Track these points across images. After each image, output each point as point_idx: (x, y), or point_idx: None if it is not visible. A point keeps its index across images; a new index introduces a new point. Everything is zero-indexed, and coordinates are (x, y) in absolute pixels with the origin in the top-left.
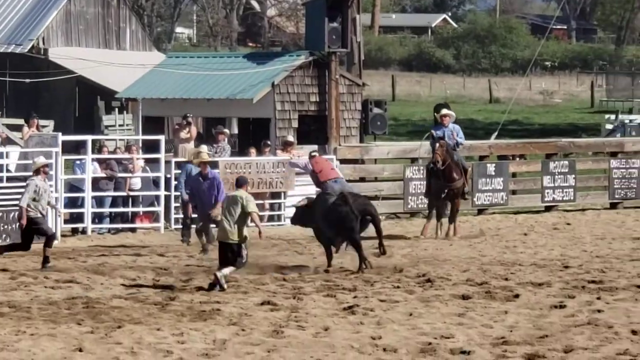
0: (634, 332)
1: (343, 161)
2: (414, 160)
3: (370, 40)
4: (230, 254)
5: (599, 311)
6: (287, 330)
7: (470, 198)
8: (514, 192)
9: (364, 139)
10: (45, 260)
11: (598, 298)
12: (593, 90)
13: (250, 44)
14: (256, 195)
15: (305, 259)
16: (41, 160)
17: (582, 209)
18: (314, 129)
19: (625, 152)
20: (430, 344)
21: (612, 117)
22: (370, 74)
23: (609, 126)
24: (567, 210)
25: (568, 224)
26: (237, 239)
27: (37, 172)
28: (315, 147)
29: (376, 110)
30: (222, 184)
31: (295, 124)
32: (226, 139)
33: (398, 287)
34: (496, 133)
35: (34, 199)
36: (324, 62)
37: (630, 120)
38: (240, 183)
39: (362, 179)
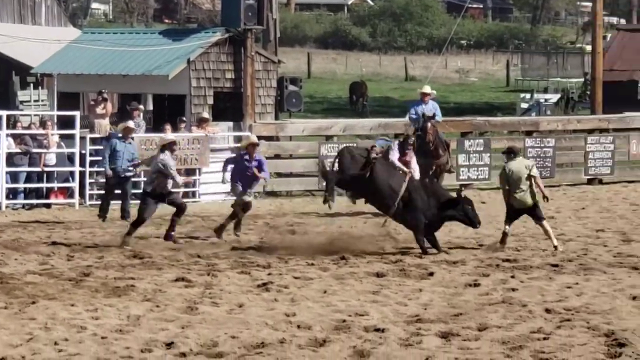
0: (547, 311)
1: (258, 138)
2: (329, 138)
3: (286, 18)
4: None
5: (513, 290)
6: (202, 306)
7: (454, 171)
8: None
9: (279, 116)
10: None
11: (512, 276)
12: (508, 70)
13: (167, 21)
14: None
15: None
16: (170, 137)
17: (496, 188)
18: (230, 105)
19: (540, 131)
20: (344, 321)
21: (528, 96)
22: (286, 51)
23: (524, 105)
24: (482, 189)
25: (483, 202)
26: None
27: (165, 147)
28: None
29: (291, 87)
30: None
31: (210, 101)
32: (141, 115)
33: (312, 264)
34: None
35: None
36: (240, 39)
37: (545, 100)
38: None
39: (277, 156)
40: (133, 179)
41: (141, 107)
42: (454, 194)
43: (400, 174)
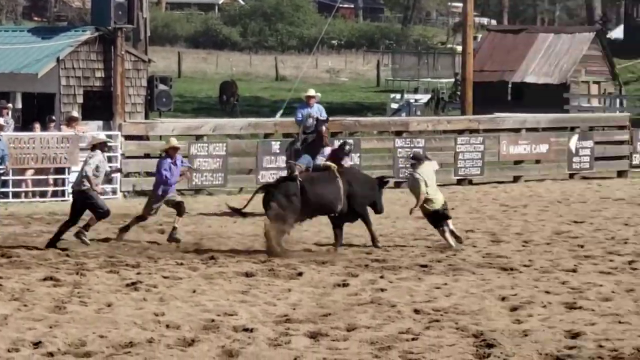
0: (416, 311)
1: (128, 137)
2: (199, 137)
3: (156, 17)
4: None
5: (382, 290)
6: (70, 305)
7: None
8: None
9: (149, 116)
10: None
11: (381, 277)
12: (379, 70)
13: (36, 18)
14: (40, 171)
15: (89, 234)
16: (102, 136)
17: None
18: (99, 104)
19: (410, 132)
20: (213, 321)
21: (398, 96)
22: (157, 51)
23: (395, 105)
24: None
25: None
26: None
27: (96, 147)
28: None
29: (162, 86)
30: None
31: (80, 100)
32: (10, 114)
33: (182, 264)
34: (282, 111)
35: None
36: (110, 37)
37: (416, 100)
38: None
39: (147, 155)
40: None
41: (10, 105)
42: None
43: (331, 175)
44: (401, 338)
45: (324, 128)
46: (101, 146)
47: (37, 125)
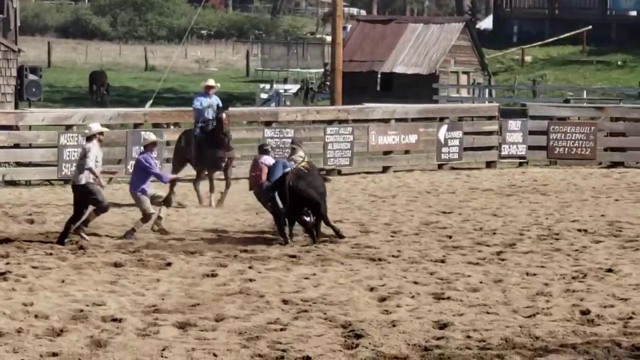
0: (284, 302)
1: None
2: (68, 127)
3: (26, 7)
4: None
5: (250, 280)
6: None
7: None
8: (167, 160)
9: (19, 105)
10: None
11: (250, 267)
12: (248, 60)
13: None
14: None
15: None
16: (97, 126)
17: (235, 178)
18: None
19: (279, 122)
20: (82, 310)
21: (267, 86)
22: (27, 40)
23: (264, 95)
24: (221, 179)
25: (221, 192)
26: None
27: (91, 138)
28: None
29: (31, 76)
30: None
31: None
32: None
33: (51, 254)
34: (151, 101)
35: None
36: None
37: (285, 90)
38: None
39: (17, 146)
40: None
41: None
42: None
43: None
44: (269, 328)
45: (224, 115)
46: (98, 136)
47: None
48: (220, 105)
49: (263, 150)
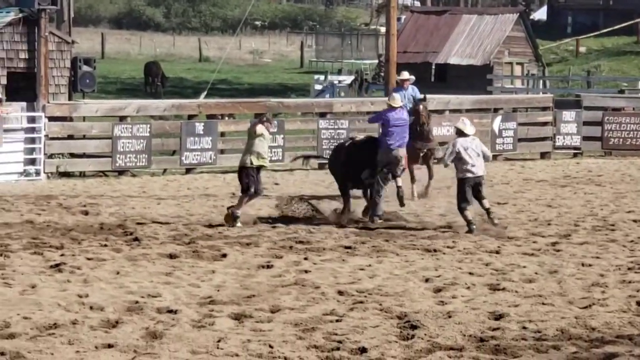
0: (340, 293)
1: (52, 118)
2: (122, 119)
3: None
4: None
5: (306, 271)
6: None
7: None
8: (222, 152)
9: (73, 97)
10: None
11: (305, 258)
12: (303, 51)
13: None
14: None
15: (13, 215)
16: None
17: (290, 169)
18: (23, 86)
19: (333, 113)
20: (137, 302)
21: (321, 77)
22: (80, 32)
23: (318, 87)
24: (276, 170)
25: (276, 184)
26: None
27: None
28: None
29: (85, 68)
30: None
31: (4, 81)
32: None
33: (105, 245)
34: (205, 92)
35: None
36: (34, 19)
37: (339, 81)
38: None
39: (71, 137)
40: None
41: None
42: None
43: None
44: (325, 319)
45: (421, 107)
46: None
47: None
48: (419, 96)
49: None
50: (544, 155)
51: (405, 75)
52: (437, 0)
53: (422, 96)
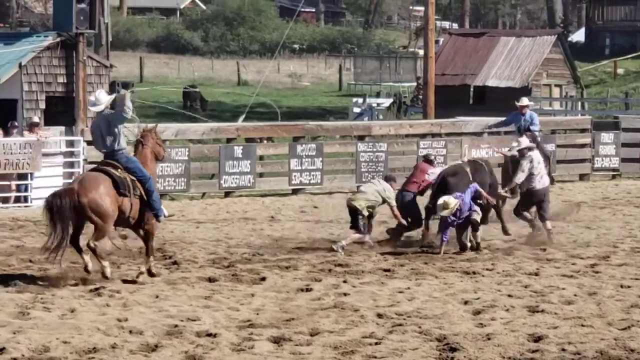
0: (379, 315)
1: (90, 142)
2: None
3: (118, 22)
4: None
5: (345, 294)
6: (33, 311)
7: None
8: (261, 175)
9: None
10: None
11: (344, 281)
12: (341, 74)
13: None
14: (2, 177)
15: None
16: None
17: (329, 192)
18: (62, 110)
19: (372, 136)
20: (176, 326)
21: (360, 100)
22: (119, 56)
23: (357, 109)
24: (315, 194)
25: (315, 207)
26: None
27: None
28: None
29: (123, 92)
30: None
31: (42, 105)
32: None
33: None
34: (244, 115)
35: None
36: (72, 43)
37: (378, 104)
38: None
39: None
40: None
41: None
42: None
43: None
44: (364, 342)
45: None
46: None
47: (0, 132)
48: (535, 122)
49: (428, 160)
50: (582, 177)
51: (525, 101)
52: (475, 22)
53: (527, 124)
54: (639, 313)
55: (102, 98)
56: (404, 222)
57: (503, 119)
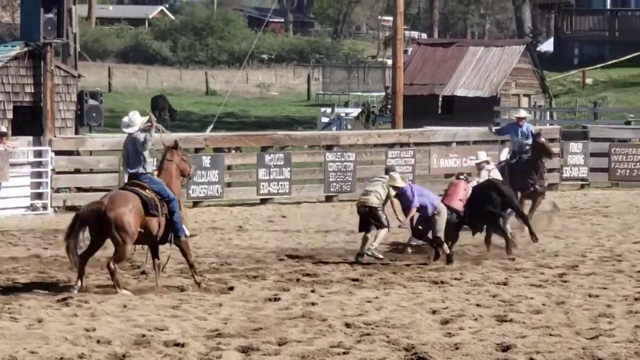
0: (347, 325)
1: (58, 153)
2: None
3: (86, 32)
4: None
5: (313, 304)
6: (0, 321)
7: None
8: (229, 185)
9: (80, 131)
10: None
11: (312, 291)
12: (309, 84)
13: None
14: None
15: (20, 250)
16: None
17: (297, 202)
18: (30, 120)
19: (340, 146)
20: (144, 335)
21: (328, 110)
22: (87, 66)
23: (325, 119)
24: (283, 203)
25: (283, 216)
26: None
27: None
28: None
29: (91, 101)
30: None
31: (10, 115)
32: None
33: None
34: (212, 125)
35: None
36: (40, 52)
37: (346, 114)
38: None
39: (78, 171)
40: None
41: None
42: None
43: None
44: (332, 352)
45: (542, 139)
46: None
47: None
48: (530, 134)
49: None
50: (551, 187)
51: (523, 113)
52: (444, 32)
53: (525, 136)
54: (606, 322)
55: (136, 119)
56: (403, 217)
57: (499, 127)
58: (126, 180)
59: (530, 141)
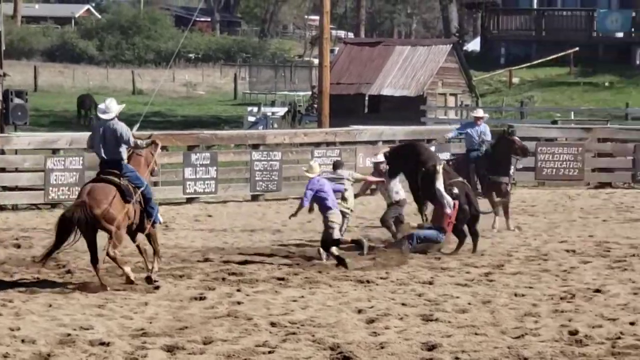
0: (272, 324)
1: None
2: (55, 151)
3: (12, 30)
4: None
5: (238, 303)
6: None
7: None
8: (155, 184)
9: (5, 130)
10: None
11: (238, 290)
12: (236, 83)
13: None
14: None
15: None
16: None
17: (223, 201)
18: None
19: (266, 145)
20: (69, 335)
21: (255, 109)
22: (12, 64)
23: (252, 118)
24: (209, 202)
25: (210, 215)
26: None
27: None
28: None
29: (17, 100)
30: None
31: None
32: None
33: (38, 278)
34: (138, 124)
35: None
36: None
37: (273, 113)
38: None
39: (3, 170)
40: None
41: None
42: None
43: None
44: (258, 351)
45: (516, 138)
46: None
47: None
48: (488, 134)
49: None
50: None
51: (480, 113)
52: (370, 32)
53: (483, 135)
54: (532, 321)
55: (113, 107)
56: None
57: (456, 132)
58: (99, 165)
59: (488, 139)
